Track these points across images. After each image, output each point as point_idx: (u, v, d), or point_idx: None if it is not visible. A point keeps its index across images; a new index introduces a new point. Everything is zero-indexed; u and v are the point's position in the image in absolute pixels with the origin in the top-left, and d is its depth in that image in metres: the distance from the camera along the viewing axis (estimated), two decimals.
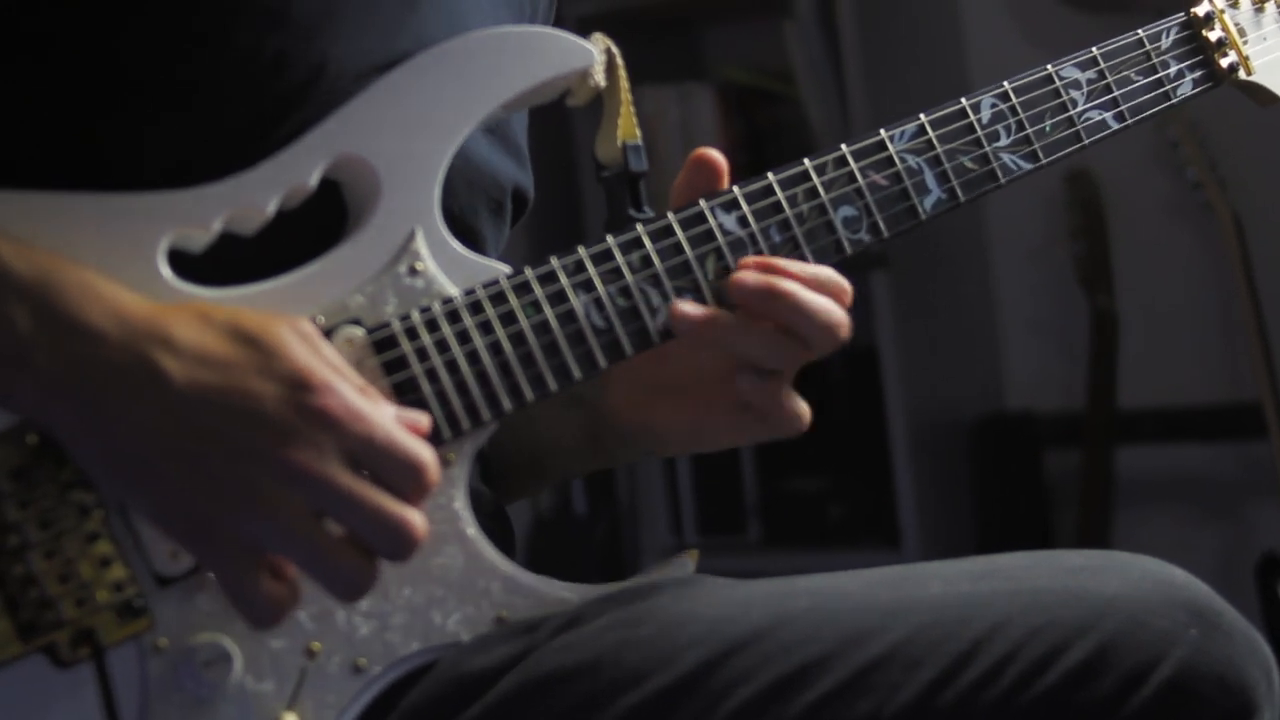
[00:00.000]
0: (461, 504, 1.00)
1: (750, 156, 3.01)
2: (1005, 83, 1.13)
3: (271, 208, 0.98)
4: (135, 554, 0.94)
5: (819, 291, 1.04)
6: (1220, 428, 2.91)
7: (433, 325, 0.99)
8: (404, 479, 0.91)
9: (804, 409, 1.07)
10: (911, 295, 2.85)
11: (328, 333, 0.97)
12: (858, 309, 1.07)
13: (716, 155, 1.07)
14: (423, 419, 0.95)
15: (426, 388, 0.98)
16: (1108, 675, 0.96)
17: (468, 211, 1.10)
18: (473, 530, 1.01)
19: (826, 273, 1.05)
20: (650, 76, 3.03)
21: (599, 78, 1.08)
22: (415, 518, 0.91)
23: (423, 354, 0.98)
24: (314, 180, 0.99)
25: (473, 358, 0.99)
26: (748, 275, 1.03)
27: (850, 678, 0.97)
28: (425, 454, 0.92)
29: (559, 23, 1.28)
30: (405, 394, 0.98)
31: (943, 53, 3.06)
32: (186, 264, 0.97)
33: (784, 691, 0.96)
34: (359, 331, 0.98)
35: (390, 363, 0.97)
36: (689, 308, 1.03)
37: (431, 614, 0.99)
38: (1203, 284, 2.93)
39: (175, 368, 0.90)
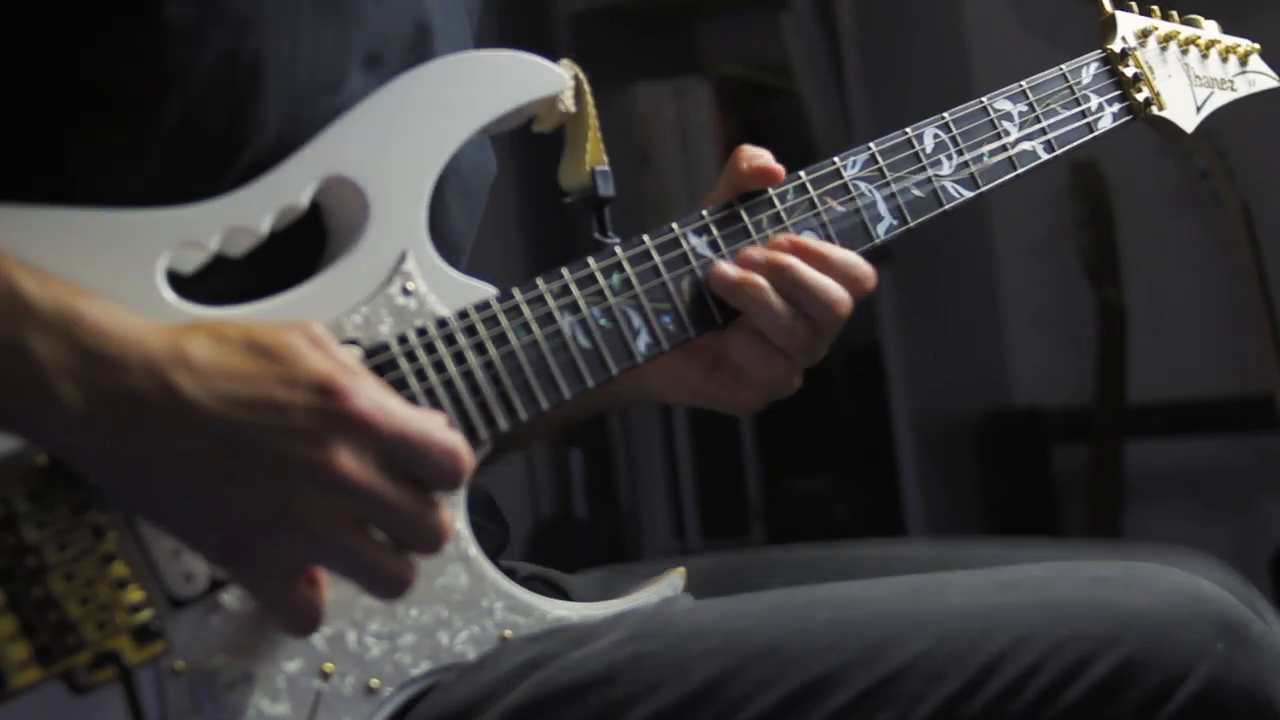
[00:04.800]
0: (463, 524, 1.02)
1: None
2: (945, 114, 1.19)
3: (265, 227, 0.99)
4: (150, 576, 0.93)
5: (825, 270, 1.09)
6: (1231, 420, 2.91)
7: (429, 346, 1.00)
8: (442, 470, 0.92)
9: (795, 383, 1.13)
10: (915, 290, 2.84)
11: None
12: (860, 305, 1.12)
13: (767, 160, 1.11)
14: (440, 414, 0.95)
15: (425, 408, 0.98)
16: (1134, 689, 0.96)
17: (463, 224, 1.11)
18: (474, 550, 1.02)
19: (843, 255, 1.11)
20: (645, 72, 3.01)
21: (568, 103, 1.10)
22: (447, 514, 0.93)
23: (421, 375, 1.00)
24: (305, 200, 1.00)
25: (468, 378, 1.01)
26: (755, 250, 1.09)
27: (871, 688, 0.96)
28: (457, 438, 0.93)
29: (551, 18, 1.28)
30: None
31: (943, 44, 3.04)
32: (174, 286, 0.96)
33: (802, 702, 0.96)
34: (357, 352, 0.99)
35: (390, 384, 0.97)
36: (727, 268, 1.08)
37: (439, 634, 1.00)
38: (1211, 274, 2.92)
39: (195, 388, 0.89)
